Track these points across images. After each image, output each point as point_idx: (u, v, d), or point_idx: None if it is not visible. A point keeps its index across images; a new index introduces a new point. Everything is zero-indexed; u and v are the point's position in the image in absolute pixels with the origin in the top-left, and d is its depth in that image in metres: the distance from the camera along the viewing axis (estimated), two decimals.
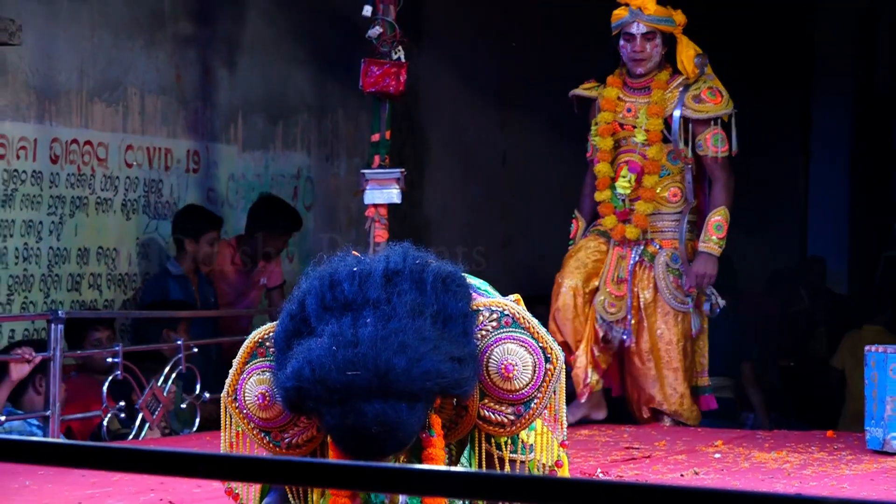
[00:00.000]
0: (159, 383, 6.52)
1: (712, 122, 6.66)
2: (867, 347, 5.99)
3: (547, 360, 3.33)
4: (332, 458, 3.29)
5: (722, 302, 6.87)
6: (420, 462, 3.30)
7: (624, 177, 6.67)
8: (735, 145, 6.70)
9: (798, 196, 12.94)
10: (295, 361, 3.13)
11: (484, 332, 3.32)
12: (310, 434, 3.38)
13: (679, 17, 6.70)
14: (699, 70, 6.69)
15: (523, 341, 3.33)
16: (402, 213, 8.36)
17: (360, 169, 7.13)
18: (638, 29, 6.61)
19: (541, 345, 3.34)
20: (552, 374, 3.33)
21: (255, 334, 3.43)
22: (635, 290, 6.81)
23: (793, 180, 12.93)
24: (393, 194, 6.90)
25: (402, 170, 7.00)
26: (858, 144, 12.65)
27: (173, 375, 6.61)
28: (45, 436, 6.03)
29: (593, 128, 6.82)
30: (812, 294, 11.06)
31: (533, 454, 3.48)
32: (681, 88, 6.68)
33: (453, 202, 9.91)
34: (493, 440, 3.40)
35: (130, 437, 6.47)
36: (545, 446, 3.52)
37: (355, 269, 3.26)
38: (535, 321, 3.38)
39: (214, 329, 7.77)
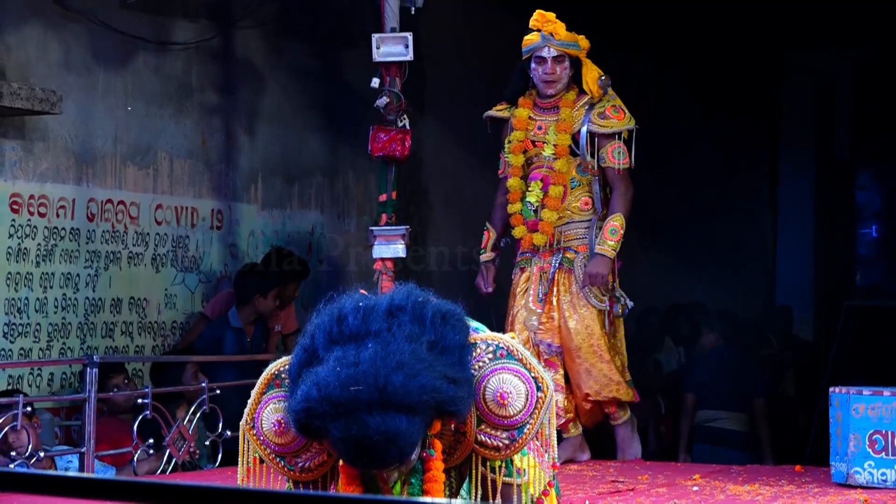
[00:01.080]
0: (185, 422, 6.50)
1: (615, 137, 6.55)
2: (831, 389, 5.97)
3: (538, 388, 3.35)
4: (342, 478, 3.31)
5: (630, 303, 6.66)
6: (422, 482, 3.31)
7: (533, 189, 6.57)
8: (633, 160, 6.57)
9: (767, 249, 12.96)
10: (304, 386, 3.16)
11: (481, 364, 3.34)
12: (321, 459, 3.39)
13: (584, 42, 6.60)
14: (603, 90, 6.59)
15: (517, 372, 3.34)
16: (407, 267, 8.35)
17: (369, 226, 7.13)
18: (549, 53, 6.50)
19: (533, 375, 3.35)
20: (543, 402, 3.35)
21: (272, 367, 3.46)
22: (556, 294, 6.59)
23: (762, 234, 12.96)
24: (399, 249, 6.90)
25: (407, 227, 7.01)
26: (822, 203, 12.68)
27: (198, 415, 6.59)
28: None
29: (506, 146, 6.69)
30: (780, 340, 11.05)
31: (526, 477, 3.47)
32: (586, 107, 6.58)
33: (454, 256, 9.90)
34: (488, 464, 3.40)
35: (158, 471, 6.44)
36: (534, 478, 3.51)
37: (361, 304, 3.29)
38: (527, 353, 3.40)
39: (250, 374, 7.71)
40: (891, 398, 5.69)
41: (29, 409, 5.98)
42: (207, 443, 6.81)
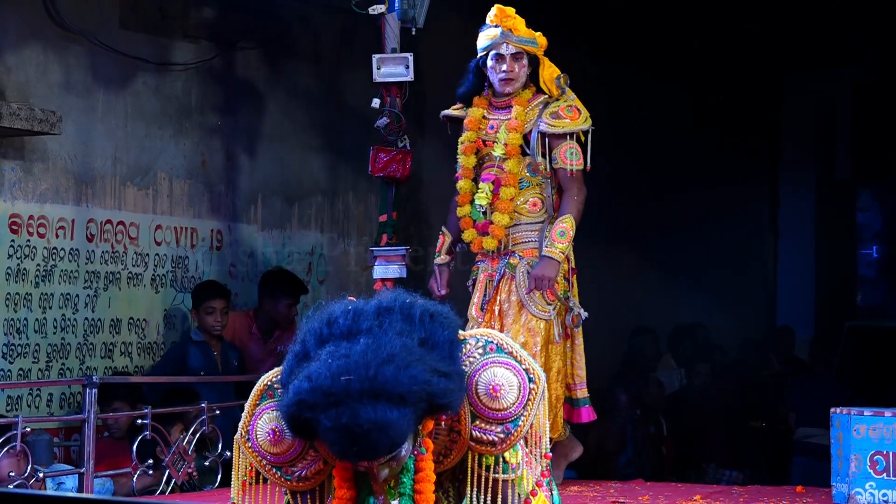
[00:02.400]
0: (184, 443, 6.48)
1: (568, 137, 6.20)
2: (832, 409, 5.96)
3: (530, 380, 3.37)
4: (335, 480, 3.34)
5: (584, 314, 6.26)
6: (413, 482, 3.31)
7: (482, 190, 6.25)
8: (588, 162, 6.23)
9: (768, 271, 12.96)
10: (296, 381, 3.19)
11: (472, 359, 3.36)
12: (317, 467, 3.41)
13: (541, 39, 6.28)
14: (560, 90, 6.26)
15: (508, 365, 3.36)
16: (407, 287, 8.33)
17: (369, 246, 7.12)
18: (507, 50, 6.17)
19: (524, 367, 3.38)
20: (535, 393, 3.37)
21: (264, 378, 3.48)
22: (498, 302, 6.29)
23: (763, 255, 12.96)
24: (399, 269, 6.89)
25: (408, 247, 6.99)
26: (823, 223, 12.69)
27: (197, 436, 6.57)
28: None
29: (459, 146, 6.40)
30: (781, 360, 11.05)
31: (520, 471, 3.46)
32: (541, 106, 6.24)
33: (453, 277, 9.88)
34: (483, 462, 3.40)
35: (157, 492, 6.42)
36: (525, 474, 3.50)
37: (350, 307, 3.34)
38: (517, 346, 3.43)
39: (237, 392, 7.71)
40: (892, 419, 5.69)
41: (28, 429, 5.96)
42: (207, 463, 6.79)
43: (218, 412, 6.73)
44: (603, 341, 11.09)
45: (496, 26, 6.19)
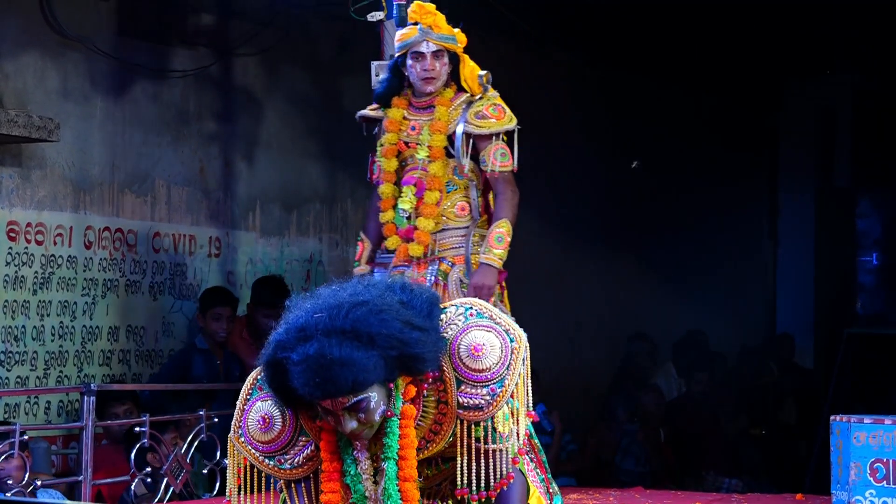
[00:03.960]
0: (182, 451, 6.49)
1: (494, 138, 5.98)
2: (832, 417, 5.96)
3: (511, 340, 3.41)
4: (322, 452, 3.39)
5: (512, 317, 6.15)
6: (398, 447, 3.34)
7: (405, 194, 6.02)
8: (516, 162, 6.02)
9: (767, 278, 12.97)
10: (275, 332, 3.34)
11: (453, 326, 3.40)
12: (309, 453, 3.46)
13: (461, 36, 6.08)
14: (483, 88, 6.07)
15: (488, 327, 3.41)
16: None
17: None
18: (428, 48, 5.96)
19: (504, 328, 3.42)
20: (518, 353, 3.40)
21: (254, 373, 3.53)
22: None
23: (762, 263, 12.97)
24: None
25: None
26: (822, 230, 12.70)
27: (195, 444, 6.57)
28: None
29: (378, 149, 6.20)
30: (781, 368, 11.06)
31: (511, 440, 3.47)
32: (464, 105, 6.03)
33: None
34: (473, 433, 3.41)
35: (155, 501, 6.42)
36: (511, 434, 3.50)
37: (332, 287, 3.43)
38: (497, 311, 3.47)
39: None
40: (892, 426, 5.69)
41: (26, 437, 5.97)
42: (205, 471, 6.80)
43: (216, 419, 6.73)
44: (601, 348, 11.13)
45: (415, 23, 5.99)
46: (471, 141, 5.96)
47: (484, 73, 6.06)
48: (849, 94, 12.62)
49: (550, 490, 3.78)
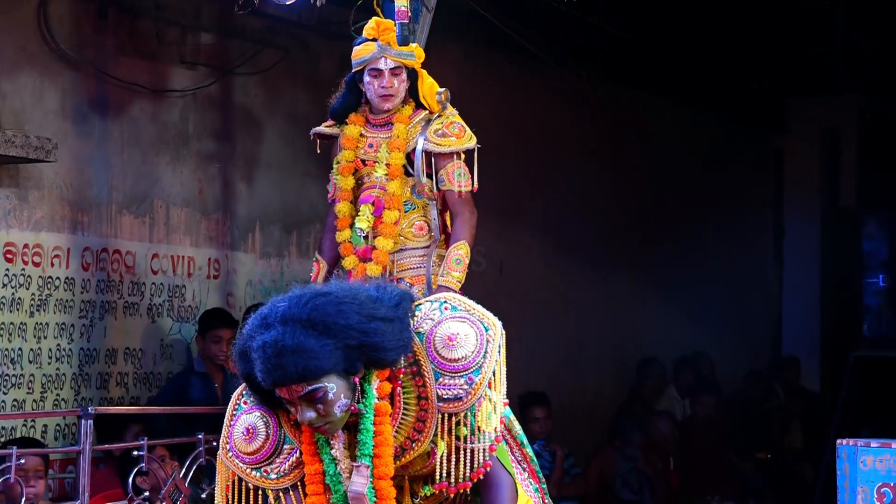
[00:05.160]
0: (181, 475, 6.46)
1: (455, 157, 5.91)
2: (839, 441, 5.94)
3: (486, 329, 3.44)
4: (304, 457, 3.43)
5: None
6: (367, 443, 3.36)
7: (363, 213, 5.94)
8: (476, 181, 5.94)
9: (772, 300, 12.96)
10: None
11: (428, 321, 3.44)
12: (295, 460, 3.48)
13: (419, 51, 6.04)
14: (441, 106, 5.99)
15: (462, 318, 3.44)
16: None
17: None
18: (386, 64, 5.89)
19: (478, 317, 3.45)
20: (493, 340, 3.44)
21: (239, 389, 3.57)
22: None
23: (767, 285, 12.96)
24: None
25: None
26: (827, 252, 12.69)
27: (194, 467, 6.55)
28: None
29: (335, 166, 6.14)
30: (786, 391, 11.05)
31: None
32: (423, 123, 5.96)
33: None
34: (453, 432, 3.41)
35: None
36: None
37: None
38: (472, 303, 3.50)
39: None
40: None
41: (22, 461, 5.95)
42: (204, 495, 6.78)
43: (215, 443, 6.71)
44: (605, 370, 11.11)
45: (373, 39, 5.93)
46: (431, 159, 5.90)
47: (443, 90, 6.00)
48: (854, 113, 12.64)
49: (546, 501, 3.78)
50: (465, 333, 3.41)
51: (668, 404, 10.32)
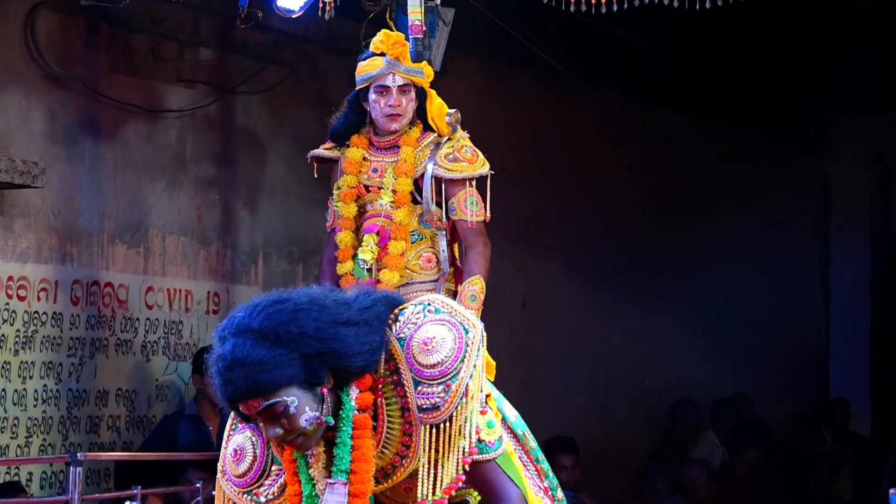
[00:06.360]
0: None
1: (467, 184, 5.88)
2: (891, 491, 5.94)
3: (466, 331, 3.41)
4: (286, 478, 3.47)
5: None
6: (344, 458, 3.35)
7: (366, 243, 5.90)
8: (488, 211, 5.90)
9: (819, 336, 12.92)
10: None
11: (410, 326, 3.42)
12: (282, 484, 3.51)
13: (428, 69, 6.01)
14: (451, 128, 5.95)
15: (442, 321, 3.42)
16: None
17: None
18: (394, 82, 5.87)
19: (459, 320, 3.43)
20: (472, 343, 3.40)
21: (232, 415, 3.59)
22: None
23: (813, 319, 12.92)
24: None
25: None
26: (879, 283, 12.66)
27: None
28: None
29: (335, 192, 6.13)
30: (835, 436, 11.00)
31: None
32: (432, 146, 5.93)
33: None
34: (440, 440, 3.38)
35: None
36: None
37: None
38: (457, 305, 3.48)
39: None
40: None
41: None
42: None
43: (214, 493, 6.70)
44: (638, 415, 11.08)
45: (381, 54, 5.90)
46: (441, 186, 5.87)
47: (453, 111, 5.98)
48: None
49: (558, 497, 3.76)
50: (441, 336, 3.39)
51: (705, 449, 10.28)
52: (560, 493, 3.76)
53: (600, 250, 10.73)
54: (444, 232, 5.94)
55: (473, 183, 5.90)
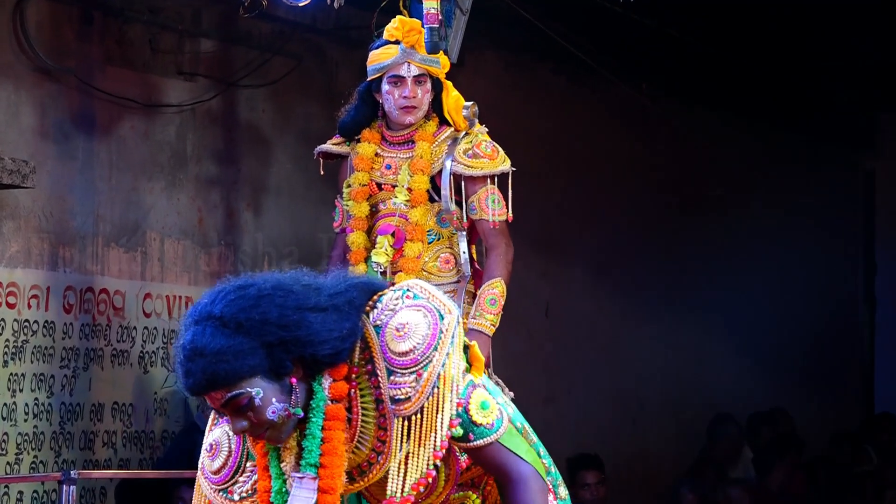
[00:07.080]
0: None
1: (487, 181, 5.84)
2: None
3: (441, 317, 3.37)
4: (258, 472, 3.47)
5: (510, 393, 5.68)
6: (313, 451, 3.34)
7: (380, 245, 5.86)
8: (510, 210, 5.87)
9: (863, 347, 12.91)
10: None
11: (388, 312, 3.39)
12: (255, 482, 3.50)
13: (444, 58, 5.94)
14: (469, 122, 5.90)
15: (418, 306, 3.39)
16: None
17: None
18: (409, 71, 5.79)
19: (435, 305, 3.40)
20: (447, 331, 3.36)
21: (212, 413, 3.60)
22: None
23: (857, 330, 12.91)
24: None
25: None
26: None
27: None
28: None
29: (345, 191, 6.09)
30: (880, 453, 10.99)
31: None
32: (449, 141, 5.88)
33: (494, 355, 9.83)
34: (422, 432, 3.34)
35: None
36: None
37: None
38: (436, 290, 3.45)
39: None
40: None
41: None
42: None
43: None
44: (670, 431, 11.04)
45: (396, 42, 5.83)
46: (460, 183, 5.83)
47: (470, 104, 5.92)
48: None
49: (560, 495, 3.70)
50: (415, 322, 3.35)
51: (744, 467, 10.24)
52: (563, 491, 3.70)
53: (627, 254, 10.72)
54: (463, 232, 5.91)
55: (495, 180, 5.86)
